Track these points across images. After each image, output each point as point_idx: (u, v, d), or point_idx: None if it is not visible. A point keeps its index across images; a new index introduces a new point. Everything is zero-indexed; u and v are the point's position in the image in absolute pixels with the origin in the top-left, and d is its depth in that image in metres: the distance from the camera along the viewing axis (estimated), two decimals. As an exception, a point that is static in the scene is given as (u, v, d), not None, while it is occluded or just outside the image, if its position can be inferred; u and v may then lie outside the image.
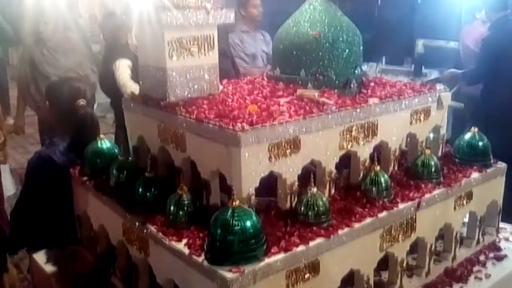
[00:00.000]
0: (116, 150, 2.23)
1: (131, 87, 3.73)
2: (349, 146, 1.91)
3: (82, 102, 2.53)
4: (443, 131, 2.31)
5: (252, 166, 1.62)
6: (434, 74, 5.66)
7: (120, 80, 3.86)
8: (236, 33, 4.88)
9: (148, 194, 1.85)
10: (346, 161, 1.98)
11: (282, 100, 1.92)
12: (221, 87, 2.12)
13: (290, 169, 1.74)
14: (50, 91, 2.70)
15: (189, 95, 1.96)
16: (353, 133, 1.90)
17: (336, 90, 2.03)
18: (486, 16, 4.86)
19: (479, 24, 5.11)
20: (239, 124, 1.60)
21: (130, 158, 2.17)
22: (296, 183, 1.77)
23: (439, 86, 2.25)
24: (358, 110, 1.89)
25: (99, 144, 2.22)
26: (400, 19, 6.55)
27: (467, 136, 2.30)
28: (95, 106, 3.07)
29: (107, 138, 2.27)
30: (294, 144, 1.72)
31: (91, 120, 2.51)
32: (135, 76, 3.69)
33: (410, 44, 6.56)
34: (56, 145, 2.50)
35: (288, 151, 1.71)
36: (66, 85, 2.66)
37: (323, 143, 1.81)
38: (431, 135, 2.30)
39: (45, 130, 4.60)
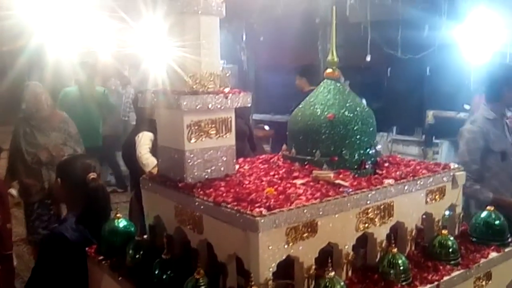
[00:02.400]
0: (133, 229, 2.24)
1: (148, 159, 3.80)
2: (365, 228, 1.91)
3: (93, 175, 2.61)
4: (459, 209, 2.30)
5: (270, 251, 1.62)
6: (444, 144, 5.70)
7: (139, 152, 3.94)
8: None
9: (164, 276, 1.84)
10: (363, 239, 1.97)
11: (298, 182, 1.94)
12: (237, 166, 2.15)
13: (307, 253, 1.73)
14: (62, 168, 2.77)
15: (206, 176, 1.99)
16: (370, 215, 1.91)
17: (351, 171, 2.06)
18: None
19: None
20: (257, 209, 1.62)
21: (145, 236, 2.18)
22: (313, 266, 1.76)
23: (453, 165, 2.27)
24: (374, 191, 1.90)
25: (115, 223, 2.24)
26: (409, 90, 6.68)
27: (483, 215, 2.29)
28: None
29: (124, 217, 2.29)
30: (311, 227, 1.73)
31: (102, 192, 2.59)
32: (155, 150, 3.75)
33: (420, 114, 6.66)
34: (67, 221, 2.54)
35: (305, 234, 1.71)
36: (77, 161, 2.75)
37: (340, 225, 1.81)
38: (447, 213, 2.29)
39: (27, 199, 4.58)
